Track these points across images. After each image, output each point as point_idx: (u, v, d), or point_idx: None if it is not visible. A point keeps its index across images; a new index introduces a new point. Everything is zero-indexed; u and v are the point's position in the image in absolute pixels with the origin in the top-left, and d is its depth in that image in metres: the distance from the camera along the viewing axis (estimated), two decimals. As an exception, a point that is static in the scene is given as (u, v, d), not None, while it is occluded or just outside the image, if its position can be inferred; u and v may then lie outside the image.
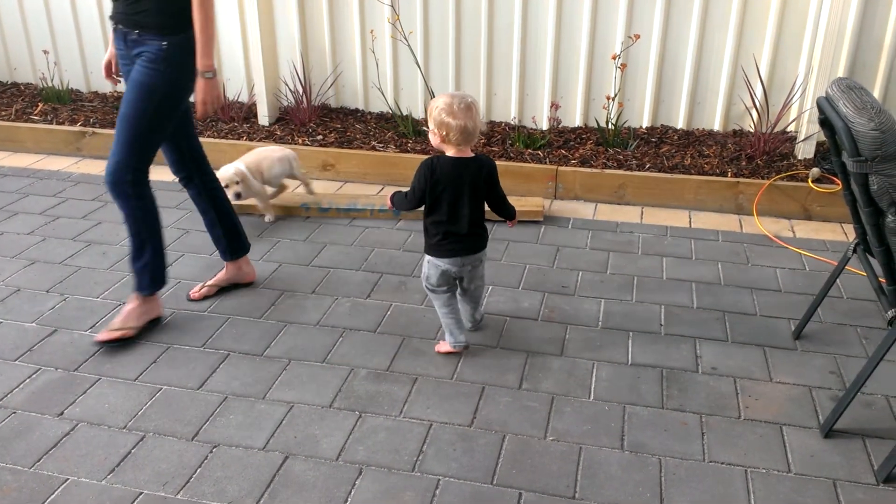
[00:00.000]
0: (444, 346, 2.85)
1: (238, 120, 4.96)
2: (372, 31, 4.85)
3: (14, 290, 3.27)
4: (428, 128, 2.69)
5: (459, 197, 2.67)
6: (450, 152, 2.65)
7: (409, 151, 4.49)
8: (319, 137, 4.70)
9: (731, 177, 4.12)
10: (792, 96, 4.41)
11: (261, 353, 2.86)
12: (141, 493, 2.20)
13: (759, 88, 4.47)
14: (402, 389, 2.66)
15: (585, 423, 2.50)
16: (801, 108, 4.39)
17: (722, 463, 2.33)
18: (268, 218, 3.96)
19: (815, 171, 4.09)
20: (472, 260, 2.77)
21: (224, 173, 3.67)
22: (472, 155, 2.68)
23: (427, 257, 2.79)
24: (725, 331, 3.01)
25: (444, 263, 2.75)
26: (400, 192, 2.78)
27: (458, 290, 2.87)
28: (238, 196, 3.70)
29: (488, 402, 2.60)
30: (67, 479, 2.26)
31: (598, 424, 2.49)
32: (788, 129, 4.50)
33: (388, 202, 2.83)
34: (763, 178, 4.11)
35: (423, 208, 2.74)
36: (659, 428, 2.48)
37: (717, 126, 4.69)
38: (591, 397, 2.62)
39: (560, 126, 4.82)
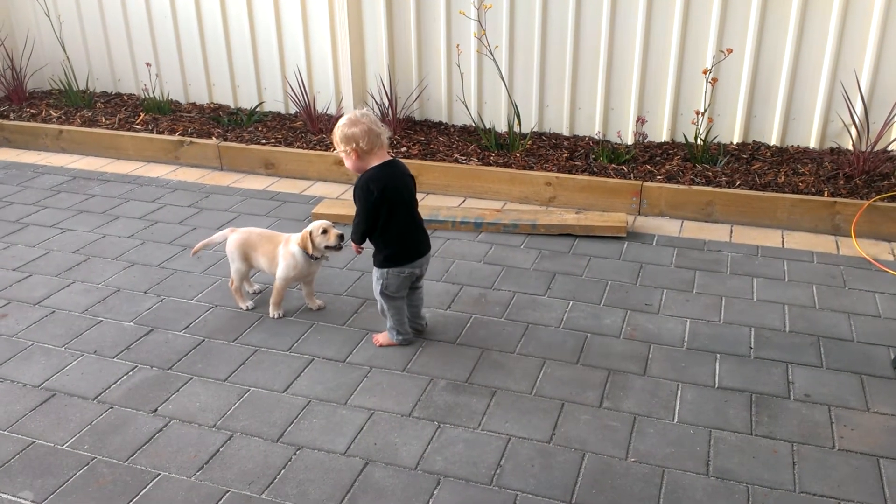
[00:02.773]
0: (386, 338, 2.97)
1: (326, 132, 5.09)
2: (458, 46, 4.90)
3: (114, 291, 3.44)
4: (343, 153, 2.75)
5: (410, 198, 2.78)
6: (373, 162, 2.72)
7: (491, 164, 4.50)
8: (403, 150, 4.77)
9: (828, 196, 3.96)
10: (894, 114, 4.20)
11: (343, 359, 2.91)
12: (228, 492, 2.28)
13: (858, 105, 4.28)
14: (480, 402, 2.66)
15: (669, 445, 2.44)
16: (905, 126, 4.18)
17: (814, 494, 2.23)
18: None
19: (919, 191, 3.89)
20: (428, 256, 2.90)
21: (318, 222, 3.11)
22: (392, 157, 2.77)
23: (387, 270, 2.82)
24: (820, 356, 2.89)
25: (409, 268, 2.84)
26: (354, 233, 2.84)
27: (409, 291, 2.93)
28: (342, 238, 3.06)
29: (568, 418, 2.57)
30: (159, 473, 2.35)
31: (683, 448, 2.42)
32: (890, 148, 4.29)
33: (355, 247, 2.88)
34: (862, 198, 3.93)
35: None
36: (747, 454, 2.39)
37: (812, 143, 4.52)
38: (676, 419, 2.56)
39: (646, 141, 4.74)
